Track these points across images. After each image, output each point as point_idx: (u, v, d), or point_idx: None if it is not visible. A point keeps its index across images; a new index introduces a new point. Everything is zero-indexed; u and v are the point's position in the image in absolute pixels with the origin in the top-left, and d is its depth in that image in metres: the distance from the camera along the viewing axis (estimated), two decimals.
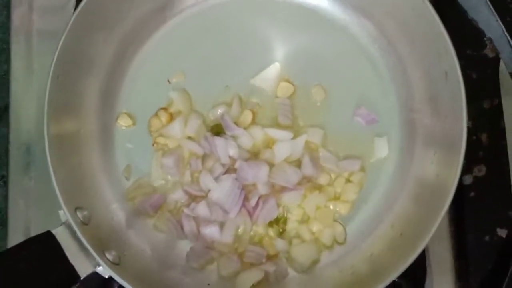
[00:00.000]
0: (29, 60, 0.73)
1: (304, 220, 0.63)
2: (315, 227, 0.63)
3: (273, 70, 0.67)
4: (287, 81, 0.67)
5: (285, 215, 0.63)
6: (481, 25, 0.69)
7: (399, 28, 0.64)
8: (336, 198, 0.64)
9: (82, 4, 0.58)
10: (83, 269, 0.53)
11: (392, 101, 0.66)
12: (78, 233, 0.53)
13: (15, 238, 0.68)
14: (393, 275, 0.54)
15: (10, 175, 0.71)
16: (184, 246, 0.63)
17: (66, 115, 0.61)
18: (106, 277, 0.54)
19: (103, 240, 0.57)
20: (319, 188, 0.63)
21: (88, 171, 0.63)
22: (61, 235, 0.53)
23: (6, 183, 0.71)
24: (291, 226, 0.63)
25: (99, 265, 0.53)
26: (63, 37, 0.57)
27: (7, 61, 0.74)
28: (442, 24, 0.57)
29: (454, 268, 0.65)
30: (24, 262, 0.52)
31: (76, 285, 0.54)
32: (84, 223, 0.55)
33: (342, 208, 0.63)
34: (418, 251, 0.54)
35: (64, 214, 0.54)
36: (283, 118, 0.65)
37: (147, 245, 0.63)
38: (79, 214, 0.56)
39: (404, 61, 0.65)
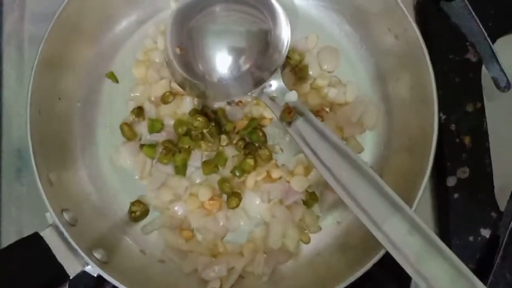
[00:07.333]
0: (21, 66, 0.74)
1: None
2: None
3: None
4: None
5: None
6: (464, 30, 0.70)
7: None
8: None
9: None
10: (72, 269, 0.54)
11: None
12: (65, 234, 0.54)
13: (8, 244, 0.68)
14: None
15: (2, 181, 0.71)
16: None
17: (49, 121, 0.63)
18: (95, 275, 0.55)
19: (90, 239, 0.58)
20: None
21: (74, 175, 0.64)
22: (49, 236, 0.54)
23: None
24: None
25: (87, 264, 0.54)
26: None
27: None
28: None
29: None
30: (13, 263, 0.53)
31: (66, 284, 0.54)
32: (71, 224, 0.56)
33: None
34: None
35: (51, 216, 0.55)
36: None
37: (135, 243, 0.64)
38: (65, 215, 0.56)
39: None
